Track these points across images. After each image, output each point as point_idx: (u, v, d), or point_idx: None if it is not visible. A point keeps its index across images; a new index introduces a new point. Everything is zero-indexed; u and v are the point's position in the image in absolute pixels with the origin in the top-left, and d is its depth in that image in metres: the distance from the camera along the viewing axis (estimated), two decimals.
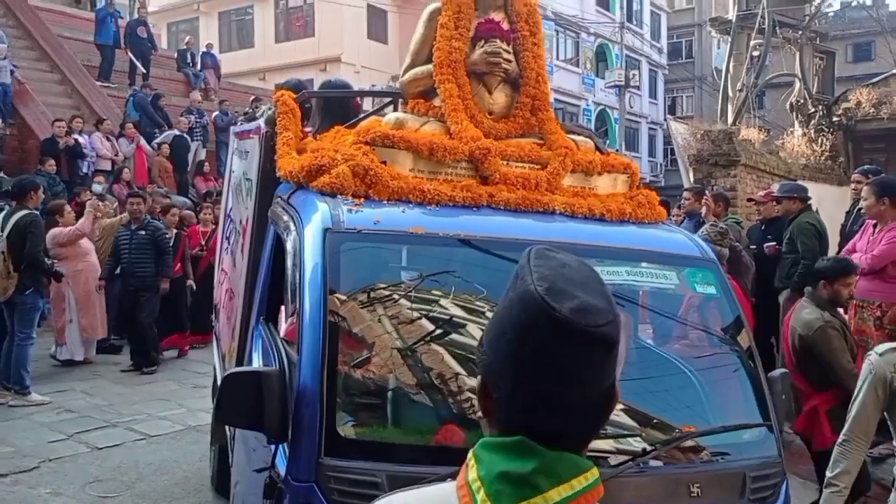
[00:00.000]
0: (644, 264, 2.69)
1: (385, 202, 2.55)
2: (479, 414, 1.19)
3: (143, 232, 8.46)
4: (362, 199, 2.52)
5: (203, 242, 9.85)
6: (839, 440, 3.26)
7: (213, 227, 9.96)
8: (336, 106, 3.79)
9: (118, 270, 8.65)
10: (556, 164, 2.87)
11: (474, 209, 2.65)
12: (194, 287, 9.43)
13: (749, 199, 9.05)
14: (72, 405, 6.97)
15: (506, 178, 2.76)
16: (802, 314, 4.58)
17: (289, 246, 2.49)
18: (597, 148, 3.31)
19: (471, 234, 2.49)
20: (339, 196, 2.50)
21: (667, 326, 2.71)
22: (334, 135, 3.15)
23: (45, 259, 7.21)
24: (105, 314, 8.77)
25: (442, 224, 2.48)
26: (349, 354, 2.31)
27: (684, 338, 2.74)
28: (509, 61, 3.12)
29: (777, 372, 2.82)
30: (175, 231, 9.30)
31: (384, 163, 2.66)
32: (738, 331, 2.79)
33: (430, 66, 3.13)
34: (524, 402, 1.09)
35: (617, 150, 6.25)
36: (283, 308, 2.99)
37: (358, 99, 4.67)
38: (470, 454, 1.10)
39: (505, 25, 3.22)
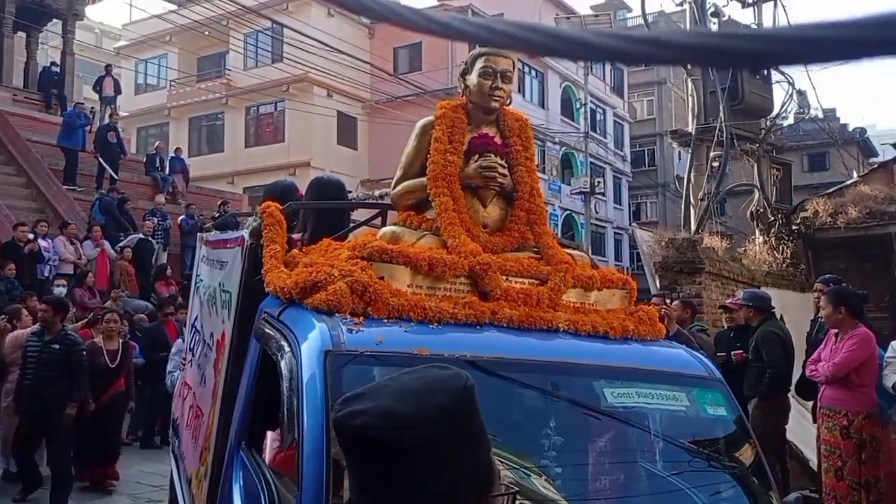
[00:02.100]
0: (653, 385, 2.58)
1: (385, 320, 2.41)
2: None
3: (56, 346, 7.01)
4: (361, 318, 2.38)
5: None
6: None
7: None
8: (331, 210, 3.68)
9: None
10: (557, 279, 2.79)
11: (477, 327, 2.53)
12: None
13: (721, 307, 9.09)
14: None
15: (507, 295, 2.66)
16: None
17: (283, 368, 2.31)
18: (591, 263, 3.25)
19: (477, 356, 2.36)
20: (336, 314, 2.36)
21: (678, 452, 2.58)
22: (325, 248, 3.04)
23: None
24: None
25: (446, 344, 2.34)
26: None
27: (695, 463, 2.60)
28: (504, 175, 3.10)
29: (792, 496, 2.69)
30: (121, 341, 8.14)
31: (382, 278, 2.55)
32: (750, 455, 2.66)
33: (423, 179, 3.08)
34: None
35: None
36: (268, 434, 2.79)
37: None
38: None
39: (498, 140, 3.22)
